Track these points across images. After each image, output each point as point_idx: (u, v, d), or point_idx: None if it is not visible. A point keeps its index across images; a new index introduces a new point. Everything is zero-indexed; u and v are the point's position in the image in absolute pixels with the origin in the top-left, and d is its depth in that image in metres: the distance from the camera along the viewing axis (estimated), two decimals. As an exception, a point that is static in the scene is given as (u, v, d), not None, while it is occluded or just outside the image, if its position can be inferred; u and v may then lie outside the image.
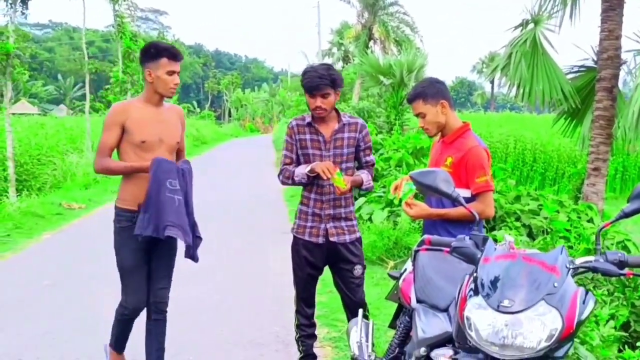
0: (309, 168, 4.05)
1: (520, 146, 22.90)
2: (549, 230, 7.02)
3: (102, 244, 9.09)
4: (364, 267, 4.33)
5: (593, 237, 5.90)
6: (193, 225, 3.99)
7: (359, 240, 4.30)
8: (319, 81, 4.00)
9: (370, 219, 8.39)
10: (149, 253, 3.95)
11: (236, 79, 70.49)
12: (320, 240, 4.18)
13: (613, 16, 9.23)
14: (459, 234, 3.52)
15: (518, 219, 8.31)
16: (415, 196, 3.68)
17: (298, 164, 4.24)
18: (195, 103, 69.32)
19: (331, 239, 4.16)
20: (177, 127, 4.04)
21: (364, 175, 4.18)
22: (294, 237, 4.34)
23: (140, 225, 3.72)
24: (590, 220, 8.36)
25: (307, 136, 4.18)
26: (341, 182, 3.90)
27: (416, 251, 2.89)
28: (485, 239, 2.46)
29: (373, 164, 4.35)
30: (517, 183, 10.74)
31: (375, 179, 10.20)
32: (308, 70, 4.12)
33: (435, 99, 3.68)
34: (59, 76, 74.96)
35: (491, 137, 22.41)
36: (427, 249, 2.79)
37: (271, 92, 74.09)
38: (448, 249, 2.56)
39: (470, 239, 2.51)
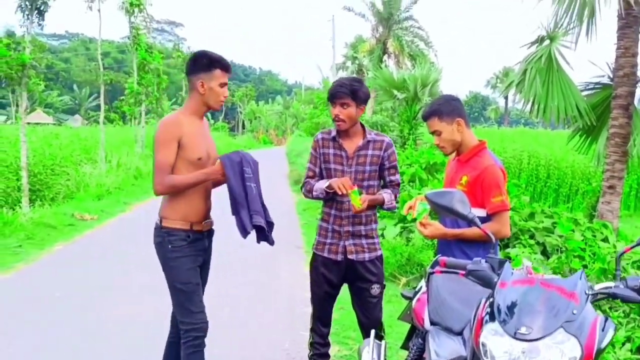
0: (327, 184, 4.02)
1: (534, 162, 22.71)
2: (563, 248, 6.94)
3: (113, 256, 9.30)
4: (383, 286, 4.26)
5: (609, 257, 5.84)
6: (264, 210, 3.86)
7: (379, 258, 4.23)
8: (338, 89, 4.02)
9: (382, 235, 8.34)
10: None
11: (250, 91, 70.79)
12: (339, 257, 4.14)
13: (629, 33, 9.17)
14: (474, 255, 3.49)
15: (532, 236, 8.23)
16: (430, 214, 3.65)
17: (321, 177, 4.22)
18: (209, 115, 69.37)
19: (349, 256, 4.12)
20: (213, 140, 3.96)
21: (386, 195, 4.09)
22: (314, 253, 4.31)
23: (241, 227, 3.63)
24: (605, 239, 8.26)
25: (331, 150, 4.17)
26: (357, 200, 3.85)
27: (430, 273, 2.85)
28: (502, 262, 2.42)
29: (398, 184, 4.25)
30: (530, 199, 10.64)
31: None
32: (335, 80, 4.21)
33: (450, 117, 3.64)
34: (75, 86, 75.51)
35: (505, 152, 22.26)
36: (441, 271, 2.74)
37: (285, 104, 74.28)
38: (463, 272, 2.52)
39: (486, 261, 2.46)
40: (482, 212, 3.47)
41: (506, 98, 68.64)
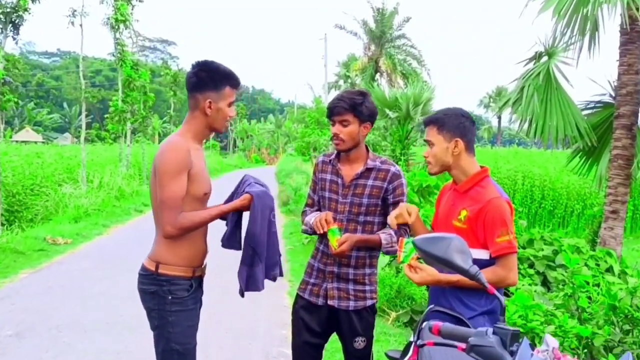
0: (314, 219, 3.42)
1: (528, 183, 22.36)
2: (566, 280, 6.33)
3: (80, 286, 8.59)
4: (370, 340, 3.55)
5: (620, 294, 5.26)
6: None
7: (369, 308, 3.53)
8: (337, 103, 3.41)
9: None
10: None
11: (242, 109, 70.40)
12: (320, 301, 3.52)
13: (633, 49, 8.66)
14: (474, 305, 2.89)
15: (531, 265, 7.68)
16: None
17: (319, 207, 3.64)
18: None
19: (329, 302, 3.49)
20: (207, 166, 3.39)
21: (385, 236, 3.43)
22: (296, 294, 3.69)
23: (252, 283, 3.17)
24: (610, 269, 7.71)
25: (328, 176, 3.57)
26: (333, 240, 3.27)
27: (420, 345, 2.21)
28: (515, 335, 1.82)
29: (405, 223, 3.50)
30: (526, 223, 10.12)
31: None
32: (338, 94, 3.60)
33: (451, 133, 3.03)
34: (65, 104, 75.04)
35: (499, 172, 21.87)
36: (435, 343, 2.12)
37: (277, 123, 74.07)
38: (463, 346, 1.91)
39: (494, 332, 1.86)
40: (484, 254, 2.88)
41: (499, 118, 68.67)
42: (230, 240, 3.31)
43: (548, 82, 9.25)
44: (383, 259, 7.60)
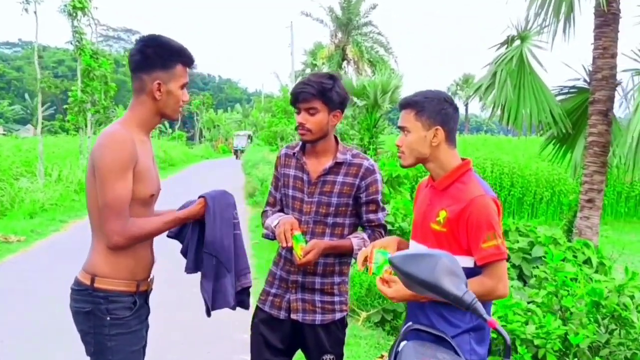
0: (276, 222, 2.99)
1: (497, 170, 22.21)
2: (548, 278, 5.99)
3: (30, 289, 8.01)
4: (339, 358, 3.14)
5: (605, 292, 4.92)
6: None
7: (339, 322, 3.12)
8: (302, 88, 2.94)
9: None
10: None
11: (207, 99, 69.53)
12: (282, 315, 3.08)
13: (608, 32, 8.32)
14: (457, 321, 2.49)
15: (507, 258, 7.35)
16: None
17: (282, 206, 3.20)
18: (167, 124, 68.18)
19: (293, 315, 3.05)
20: (156, 161, 2.89)
21: (357, 241, 3.03)
22: (256, 306, 3.22)
23: (222, 299, 2.75)
24: (588, 261, 7.41)
25: (292, 172, 3.11)
26: (297, 248, 2.85)
27: None
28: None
29: (380, 225, 3.13)
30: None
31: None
32: (302, 78, 3.12)
33: (431, 120, 2.58)
34: (26, 95, 73.51)
35: (467, 160, 21.67)
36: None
37: (244, 113, 73.40)
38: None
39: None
40: (468, 262, 2.46)
41: (466, 105, 68.75)
42: (197, 263, 2.83)
43: (521, 66, 8.91)
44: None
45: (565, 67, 9.25)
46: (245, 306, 2.88)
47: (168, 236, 2.86)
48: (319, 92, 2.93)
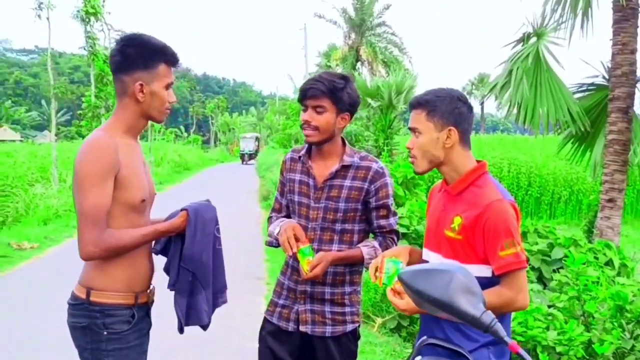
0: (278, 229, 2.85)
1: (514, 170, 21.96)
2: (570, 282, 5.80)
3: (42, 296, 7.88)
4: None
5: (630, 296, 4.74)
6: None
7: (350, 334, 2.96)
8: (312, 84, 2.78)
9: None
10: None
11: (222, 102, 69.69)
12: (290, 327, 2.92)
13: (627, 27, 8.13)
14: (476, 335, 2.33)
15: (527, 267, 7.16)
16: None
17: (288, 212, 3.05)
18: (182, 128, 68.44)
19: (302, 327, 2.89)
20: (149, 165, 2.78)
21: (367, 250, 2.86)
22: (264, 318, 3.07)
23: (194, 316, 2.63)
24: (610, 262, 7.21)
25: (297, 176, 2.95)
26: (304, 262, 2.70)
27: None
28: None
29: (393, 231, 2.97)
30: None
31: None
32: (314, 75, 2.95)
33: (444, 120, 2.39)
34: (43, 102, 74.11)
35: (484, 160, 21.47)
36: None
37: (259, 115, 73.51)
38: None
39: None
40: (485, 271, 2.30)
41: (482, 104, 68.32)
42: (185, 318, 2.68)
43: (537, 64, 8.74)
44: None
45: (583, 64, 9.08)
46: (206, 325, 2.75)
47: (153, 252, 2.71)
48: (329, 90, 2.77)
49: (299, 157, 2.99)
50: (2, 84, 79.13)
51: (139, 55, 2.46)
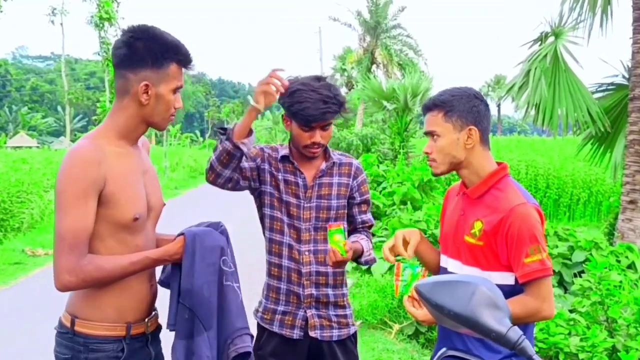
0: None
1: (532, 172, 21.73)
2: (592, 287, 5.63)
3: (53, 307, 7.73)
4: None
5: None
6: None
7: (352, 337, 2.86)
8: (325, 108, 2.60)
9: (369, 271, 7.03)
10: None
11: (237, 107, 69.83)
12: (296, 334, 2.76)
13: (647, 26, 7.96)
14: (497, 346, 2.21)
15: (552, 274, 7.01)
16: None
17: (260, 203, 2.84)
18: (198, 132, 68.66)
19: (312, 333, 2.74)
20: (156, 175, 2.41)
21: (365, 243, 2.78)
22: (259, 327, 2.87)
23: None
24: (632, 265, 7.05)
25: (280, 175, 2.78)
26: (340, 244, 2.52)
27: None
28: None
29: (371, 226, 2.95)
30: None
31: (376, 217, 8.87)
32: (300, 90, 2.63)
33: (463, 120, 2.26)
34: (59, 108, 74.63)
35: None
36: None
37: (274, 120, 73.42)
38: None
39: None
40: (508, 279, 2.18)
41: (499, 106, 67.99)
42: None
43: (556, 64, 8.59)
44: (383, 265, 6.90)
45: (602, 64, 8.92)
46: None
47: (159, 284, 2.40)
48: (341, 106, 2.68)
49: (283, 156, 2.82)
50: (18, 90, 79.66)
51: (148, 50, 2.13)
